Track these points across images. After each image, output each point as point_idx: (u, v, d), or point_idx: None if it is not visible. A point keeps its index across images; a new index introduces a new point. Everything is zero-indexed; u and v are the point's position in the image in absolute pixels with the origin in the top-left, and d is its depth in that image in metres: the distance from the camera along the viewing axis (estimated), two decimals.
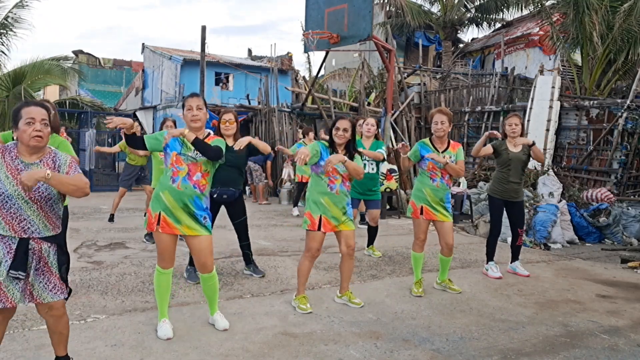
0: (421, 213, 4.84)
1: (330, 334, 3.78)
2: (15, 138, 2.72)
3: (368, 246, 6.53)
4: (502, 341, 3.78)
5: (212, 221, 4.28)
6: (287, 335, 3.74)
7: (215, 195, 4.86)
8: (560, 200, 8.85)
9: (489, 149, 5.55)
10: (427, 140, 4.93)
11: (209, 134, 3.72)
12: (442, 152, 4.82)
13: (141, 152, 7.65)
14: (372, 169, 6.15)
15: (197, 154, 3.54)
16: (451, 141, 4.94)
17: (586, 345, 3.76)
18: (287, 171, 11.94)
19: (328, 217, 4.19)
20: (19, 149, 2.67)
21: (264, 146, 4.93)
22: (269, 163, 12.44)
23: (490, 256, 5.72)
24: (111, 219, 8.51)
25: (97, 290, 4.62)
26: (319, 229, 4.18)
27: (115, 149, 8.74)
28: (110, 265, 5.53)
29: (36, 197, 2.61)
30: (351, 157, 4.28)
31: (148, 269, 5.45)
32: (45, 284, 2.70)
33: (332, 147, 4.29)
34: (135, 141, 3.56)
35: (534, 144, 5.50)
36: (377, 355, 3.45)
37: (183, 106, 3.65)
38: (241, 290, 4.81)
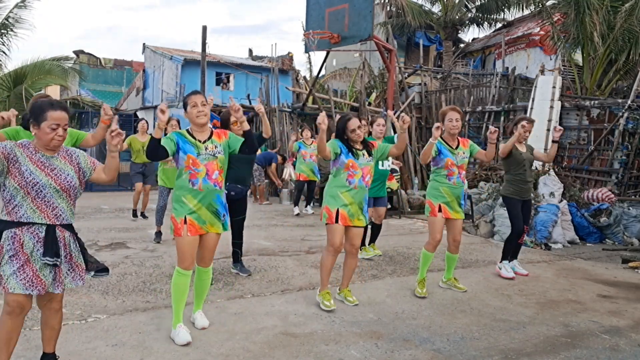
0: (439, 211, 4.82)
1: (330, 334, 3.78)
2: (32, 134, 2.78)
3: (369, 244, 6.52)
4: (503, 341, 3.78)
5: None
6: (288, 335, 3.74)
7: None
8: (561, 200, 8.83)
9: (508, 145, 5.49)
10: (439, 138, 4.90)
11: (212, 131, 3.73)
12: (456, 149, 4.84)
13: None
14: (389, 165, 6.27)
15: (213, 151, 3.57)
16: (459, 138, 4.96)
17: (587, 346, 3.75)
18: (287, 171, 11.95)
19: (345, 210, 4.20)
20: (36, 145, 2.78)
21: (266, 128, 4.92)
22: (273, 165, 12.39)
23: (505, 255, 5.68)
24: (134, 214, 8.76)
25: (98, 290, 4.63)
26: (336, 221, 4.19)
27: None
28: (111, 265, 5.52)
29: (65, 186, 2.77)
30: (369, 152, 4.32)
31: (149, 268, 5.45)
32: (69, 270, 2.82)
33: (347, 144, 4.26)
34: (159, 149, 3.42)
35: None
36: (378, 355, 3.45)
37: (185, 105, 3.61)
38: (242, 290, 4.81)
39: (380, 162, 5.93)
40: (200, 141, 3.58)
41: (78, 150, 2.97)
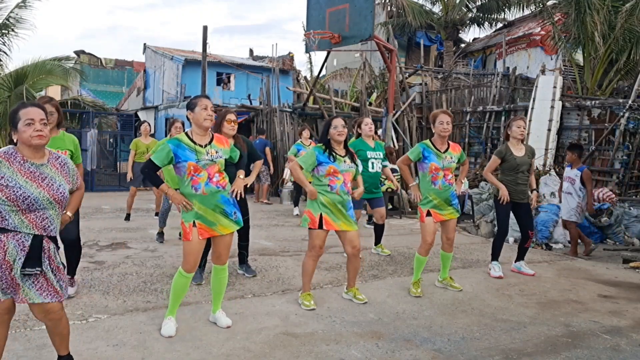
0: (428, 215, 4.83)
1: (331, 334, 3.78)
2: (15, 141, 2.71)
3: (376, 244, 6.57)
4: (504, 341, 3.78)
5: None
6: (289, 335, 3.74)
7: None
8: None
9: (496, 161, 5.60)
10: (428, 142, 4.91)
11: (213, 135, 3.76)
12: (444, 153, 4.83)
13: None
14: (379, 167, 6.26)
15: (213, 156, 3.61)
16: (450, 142, 4.96)
17: (588, 346, 3.75)
18: (287, 171, 11.95)
19: (329, 215, 4.23)
20: (23, 152, 2.68)
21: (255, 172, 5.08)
22: (267, 149, 12.21)
23: (495, 256, 5.75)
24: (127, 218, 8.82)
25: (98, 290, 4.63)
26: (320, 227, 4.22)
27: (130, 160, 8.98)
28: (112, 265, 5.54)
29: (59, 197, 2.72)
30: (352, 155, 4.40)
31: (150, 268, 5.45)
32: (58, 281, 2.73)
33: (329, 148, 4.31)
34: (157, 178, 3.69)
35: (537, 190, 5.98)
36: (379, 356, 3.45)
37: (194, 105, 3.63)
38: (243, 290, 4.82)
39: (370, 165, 6.03)
40: (200, 145, 3.60)
41: (71, 162, 2.89)
